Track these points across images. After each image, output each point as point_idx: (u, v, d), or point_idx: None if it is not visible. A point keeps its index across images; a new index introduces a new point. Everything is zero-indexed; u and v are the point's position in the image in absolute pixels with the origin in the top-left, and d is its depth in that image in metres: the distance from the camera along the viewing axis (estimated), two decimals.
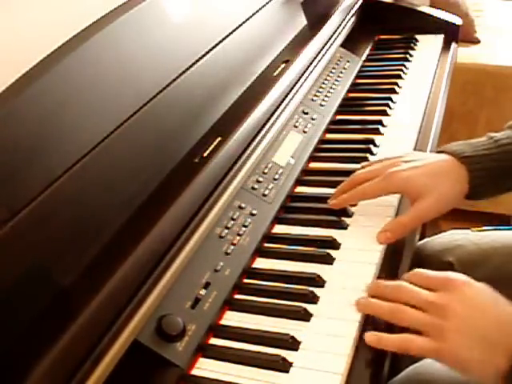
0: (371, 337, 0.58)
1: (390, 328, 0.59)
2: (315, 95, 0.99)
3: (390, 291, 0.60)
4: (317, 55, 1.00)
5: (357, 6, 1.23)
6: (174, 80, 0.75)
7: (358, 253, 0.70)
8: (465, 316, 0.55)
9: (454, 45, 1.25)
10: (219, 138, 0.73)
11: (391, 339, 0.57)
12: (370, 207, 0.77)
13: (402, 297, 0.59)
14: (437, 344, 0.54)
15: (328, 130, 0.97)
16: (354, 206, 0.78)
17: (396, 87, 1.09)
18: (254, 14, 0.96)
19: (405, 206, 0.79)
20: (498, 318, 0.55)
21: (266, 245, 0.74)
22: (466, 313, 0.55)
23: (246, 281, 0.68)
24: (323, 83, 1.03)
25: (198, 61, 0.80)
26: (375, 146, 0.91)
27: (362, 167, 0.78)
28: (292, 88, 0.89)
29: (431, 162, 0.72)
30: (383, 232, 0.70)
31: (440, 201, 0.70)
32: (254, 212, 0.74)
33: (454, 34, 1.27)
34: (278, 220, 0.77)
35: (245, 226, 0.71)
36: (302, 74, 0.93)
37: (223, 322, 0.63)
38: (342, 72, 1.09)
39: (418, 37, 1.27)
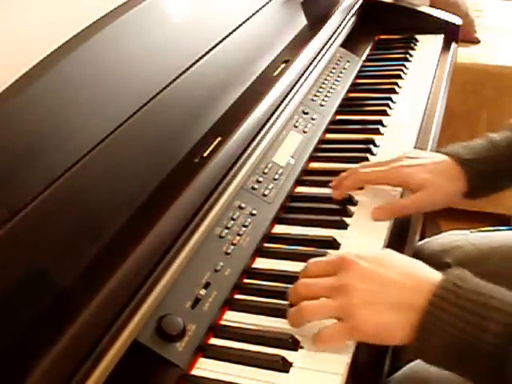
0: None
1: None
2: (315, 95, 0.99)
3: (291, 295, 0.60)
4: (317, 55, 1.00)
5: (357, 6, 1.23)
6: (174, 80, 0.75)
7: None
8: (366, 287, 0.55)
9: (454, 45, 1.25)
10: (219, 138, 0.73)
11: (313, 341, 0.57)
12: (370, 207, 0.77)
13: (302, 294, 0.59)
14: (349, 323, 0.55)
15: (328, 130, 0.97)
16: (355, 205, 0.78)
17: (396, 87, 1.09)
18: (254, 14, 0.96)
19: None
20: (404, 280, 0.55)
21: (266, 245, 0.74)
22: (367, 284, 0.55)
23: (245, 281, 0.68)
24: (323, 83, 1.03)
25: (198, 61, 0.80)
26: (375, 145, 0.91)
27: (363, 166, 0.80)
28: (292, 88, 0.89)
29: (433, 160, 0.76)
30: (378, 209, 0.74)
31: (437, 195, 0.74)
32: (254, 212, 0.74)
33: (454, 34, 1.27)
34: (278, 220, 0.77)
35: (245, 226, 0.71)
36: (302, 74, 0.94)
37: (223, 322, 0.63)
38: (341, 72, 1.09)
39: (418, 37, 1.27)
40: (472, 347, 0.49)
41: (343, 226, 0.75)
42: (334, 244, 0.71)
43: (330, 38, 1.07)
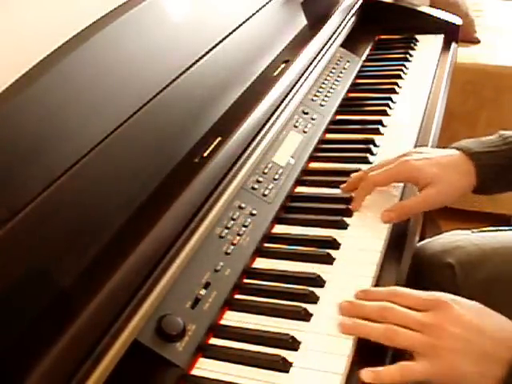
0: (367, 373, 0.55)
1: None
2: (315, 95, 0.99)
3: (377, 312, 0.59)
4: (317, 55, 1.00)
5: (357, 6, 1.23)
6: (174, 80, 0.75)
7: (358, 253, 0.70)
8: (458, 333, 0.55)
9: (454, 45, 1.25)
10: (219, 138, 0.73)
11: (390, 371, 0.55)
12: (370, 207, 0.77)
13: (390, 318, 0.57)
14: (435, 363, 0.54)
15: (328, 130, 0.97)
16: None
17: (396, 87, 1.09)
18: (254, 14, 0.96)
19: None
20: (493, 332, 0.55)
21: (266, 245, 0.74)
22: (460, 330, 0.55)
23: (245, 281, 0.68)
24: (323, 83, 1.03)
25: (198, 61, 0.80)
26: (375, 146, 0.91)
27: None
28: (292, 88, 0.89)
29: (442, 155, 0.74)
30: (388, 211, 0.73)
31: (447, 190, 0.72)
32: (254, 212, 0.74)
33: (454, 34, 1.27)
34: (278, 220, 0.77)
35: (245, 226, 0.71)
36: (302, 74, 0.93)
37: (223, 322, 0.63)
38: (341, 72, 1.09)
39: (418, 37, 1.27)
40: None
41: (343, 226, 0.75)
42: (334, 244, 0.71)
43: (330, 38, 1.07)
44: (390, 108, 1.02)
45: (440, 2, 1.75)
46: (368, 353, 0.58)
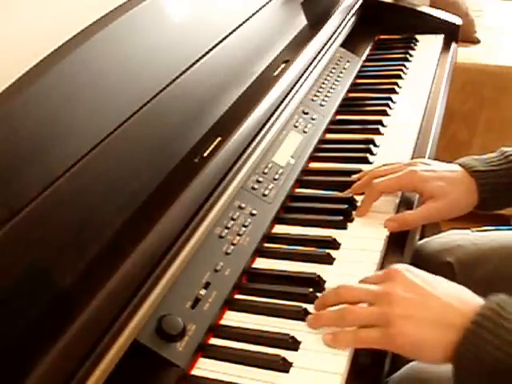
0: (327, 336, 0.58)
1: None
2: (315, 95, 0.99)
3: (332, 297, 0.60)
4: (317, 55, 1.00)
5: (357, 6, 1.23)
6: (174, 80, 0.75)
7: (358, 253, 0.70)
8: (409, 299, 0.55)
9: (453, 45, 1.25)
10: (219, 138, 0.73)
11: (346, 336, 0.57)
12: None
13: (345, 297, 0.59)
14: (386, 330, 0.54)
15: (328, 130, 0.97)
16: (355, 205, 0.78)
17: (396, 87, 1.09)
18: (253, 14, 0.96)
19: (405, 206, 0.79)
20: (449, 299, 0.54)
21: (266, 245, 0.74)
22: (410, 296, 0.55)
23: (245, 281, 0.68)
24: (323, 83, 1.03)
25: (198, 61, 0.80)
26: (375, 145, 0.91)
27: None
28: (292, 88, 0.89)
29: (446, 169, 0.75)
30: (391, 221, 0.74)
31: (451, 206, 0.73)
32: (254, 212, 0.74)
33: (454, 34, 1.27)
34: (278, 220, 0.77)
35: (245, 226, 0.71)
36: (302, 74, 0.93)
37: (223, 322, 0.63)
38: (342, 72, 1.09)
39: (418, 37, 1.27)
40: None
41: (343, 226, 0.75)
42: (334, 244, 0.71)
43: (329, 38, 1.07)
44: (390, 108, 1.02)
45: (440, 2, 1.75)
46: (368, 352, 0.58)
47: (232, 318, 0.63)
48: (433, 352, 0.53)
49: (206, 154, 0.71)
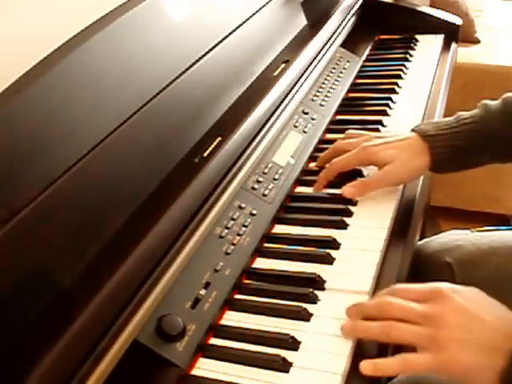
0: (366, 365, 0.55)
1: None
2: (315, 95, 0.99)
3: (375, 309, 0.58)
4: (317, 55, 1.00)
5: (357, 6, 1.23)
6: (174, 80, 0.75)
7: (358, 253, 0.70)
8: (460, 323, 0.54)
9: (453, 45, 1.25)
10: (219, 138, 0.73)
11: (389, 363, 0.55)
12: (370, 207, 0.77)
13: (390, 312, 0.56)
14: (437, 355, 0.53)
15: (328, 130, 0.97)
16: (355, 205, 0.78)
17: (396, 87, 1.09)
18: (253, 14, 0.96)
19: (405, 206, 0.79)
20: (494, 321, 0.54)
21: (266, 245, 0.74)
22: (461, 320, 0.54)
23: (245, 281, 0.68)
24: (323, 83, 1.03)
25: (198, 61, 0.80)
26: None
27: (346, 136, 0.87)
28: (292, 88, 0.89)
29: (399, 138, 0.80)
30: (349, 187, 0.78)
31: (401, 167, 0.77)
32: (254, 212, 0.74)
33: (454, 34, 1.27)
34: (278, 220, 0.77)
35: (245, 226, 0.71)
36: (302, 74, 0.93)
37: (223, 322, 0.63)
38: (342, 72, 1.09)
39: (418, 37, 1.27)
40: None
41: (343, 226, 0.75)
42: (334, 244, 0.71)
43: (329, 38, 1.07)
44: (390, 108, 1.02)
45: (440, 2, 1.75)
46: (368, 353, 0.58)
47: (232, 318, 0.63)
48: (483, 378, 0.52)
49: (206, 154, 0.71)
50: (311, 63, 0.97)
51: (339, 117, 1.01)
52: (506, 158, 0.81)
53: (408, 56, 1.20)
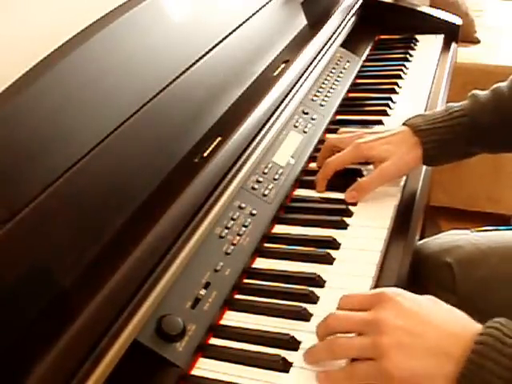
0: (320, 376, 0.54)
1: None
2: (315, 95, 0.99)
3: (322, 329, 0.56)
4: (317, 55, 1.00)
5: (357, 6, 1.23)
6: (174, 80, 0.75)
7: (358, 253, 0.70)
8: (402, 327, 0.50)
9: (453, 45, 1.25)
10: (219, 138, 0.73)
11: (339, 375, 0.53)
12: (370, 207, 0.77)
13: (334, 327, 0.55)
14: (380, 364, 0.50)
15: (328, 130, 0.97)
16: (355, 205, 0.78)
17: (396, 87, 1.09)
18: (254, 14, 0.96)
19: (405, 206, 0.79)
20: (443, 326, 0.51)
21: (266, 245, 0.74)
22: (403, 324, 0.51)
23: (245, 281, 0.68)
24: (323, 83, 1.03)
25: (198, 61, 0.80)
26: None
27: (338, 133, 0.88)
28: (292, 88, 0.89)
29: (392, 133, 0.80)
30: (350, 192, 0.78)
31: (398, 162, 0.78)
32: (254, 212, 0.74)
33: (454, 34, 1.27)
34: (278, 220, 0.77)
35: (245, 226, 0.71)
36: (302, 74, 0.93)
37: (223, 321, 0.63)
38: (342, 72, 1.09)
39: (418, 37, 1.27)
40: None
41: (343, 226, 0.75)
42: (333, 244, 0.71)
43: (329, 38, 1.07)
44: (390, 108, 1.02)
45: (440, 2, 1.75)
46: None
47: (232, 318, 0.63)
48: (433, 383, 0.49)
49: (206, 154, 0.71)
50: (311, 63, 0.97)
51: (339, 117, 1.01)
52: (496, 149, 0.82)
53: (408, 56, 1.20)
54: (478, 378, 0.47)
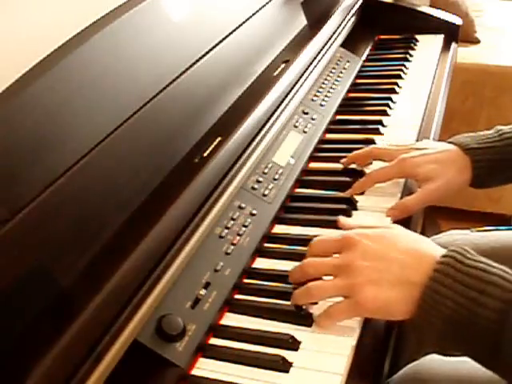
0: (319, 319, 0.60)
1: (390, 326, 0.60)
2: (315, 95, 0.99)
3: (298, 273, 0.62)
4: (317, 55, 1.00)
5: (357, 6, 1.23)
6: (174, 80, 0.75)
7: None
8: (369, 266, 0.57)
9: (454, 45, 1.25)
10: (219, 138, 0.73)
11: (320, 317, 0.60)
12: (369, 207, 0.77)
13: (310, 273, 0.61)
14: (353, 300, 0.56)
15: (328, 130, 0.97)
16: (355, 205, 0.78)
17: (396, 87, 1.09)
18: (253, 14, 0.96)
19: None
20: (406, 258, 0.56)
21: (266, 245, 0.74)
22: (369, 262, 0.57)
23: (245, 281, 0.68)
24: (323, 83, 1.03)
25: (198, 61, 0.80)
26: None
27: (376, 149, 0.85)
28: (292, 88, 0.89)
29: (440, 150, 0.77)
30: (392, 209, 0.76)
31: (445, 185, 0.75)
32: (254, 212, 0.74)
33: (454, 34, 1.27)
34: (278, 220, 0.77)
35: (245, 226, 0.71)
36: (302, 74, 0.93)
37: (223, 322, 0.63)
38: (342, 72, 1.09)
39: (418, 37, 1.27)
40: (470, 322, 0.50)
41: None
42: None
43: (329, 38, 1.07)
44: (390, 108, 1.02)
45: (440, 2, 1.75)
46: (368, 352, 0.58)
47: (232, 318, 0.63)
48: (399, 310, 0.55)
49: (206, 154, 0.71)
50: (311, 63, 0.97)
51: (339, 117, 1.01)
52: None
53: (408, 56, 1.20)
54: (433, 300, 0.52)
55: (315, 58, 0.99)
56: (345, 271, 0.58)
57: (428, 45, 1.25)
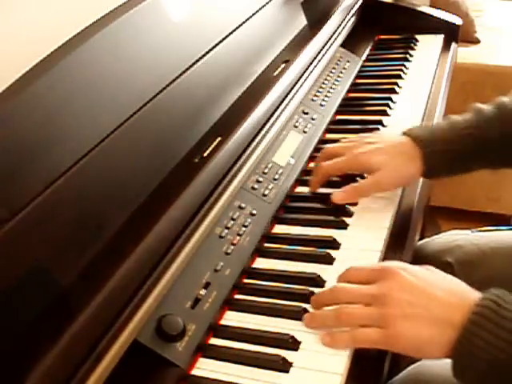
0: (324, 336, 0.58)
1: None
2: (315, 95, 0.99)
3: (328, 296, 0.61)
4: (317, 55, 1.00)
5: (357, 6, 1.23)
6: (174, 80, 0.75)
7: (358, 253, 0.70)
8: (406, 299, 0.55)
9: (454, 45, 1.25)
10: (219, 138, 0.73)
11: (343, 338, 0.57)
12: (370, 207, 0.77)
13: (341, 298, 0.59)
14: (385, 331, 0.55)
15: (328, 130, 0.97)
16: (355, 205, 0.78)
17: (396, 87, 1.09)
18: (253, 14, 0.96)
19: (405, 206, 0.79)
20: (445, 296, 0.55)
21: (266, 245, 0.74)
22: (407, 296, 0.55)
23: (245, 281, 0.68)
24: (323, 83, 1.03)
25: (198, 61, 0.80)
26: None
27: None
28: (292, 88, 0.89)
29: (391, 142, 0.78)
30: (339, 192, 0.77)
31: (393, 173, 0.76)
32: (254, 212, 0.74)
33: (454, 34, 1.27)
34: (278, 220, 0.77)
35: (245, 226, 0.71)
36: (302, 74, 0.93)
37: (223, 321, 0.63)
38: (342, 72, 1.09)
39: (418, 37, 1.27)
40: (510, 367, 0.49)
41: (343, 225, 0.75)
42: (333, 244, 0.71)
43: (330, 38, 1.07)
44: (390, 108, 1.02)
45: (440, 1, 1.75)
46: (368, 352, 0.58)
47: (232, 318, 0.63)
48: (432, 350, 0.54)
49: (206, 154, 0.71)
50: (311, 63, 0.97)
51: (339, 117, 1.01)
52: (499, 165, 0.79)
53: (408, 56, 1.20)
54: (472, 344, 0.51)
55: (315, 58, 0.99)
56: (380, 300, 0.56)
57: (428, 45, 1.25)
